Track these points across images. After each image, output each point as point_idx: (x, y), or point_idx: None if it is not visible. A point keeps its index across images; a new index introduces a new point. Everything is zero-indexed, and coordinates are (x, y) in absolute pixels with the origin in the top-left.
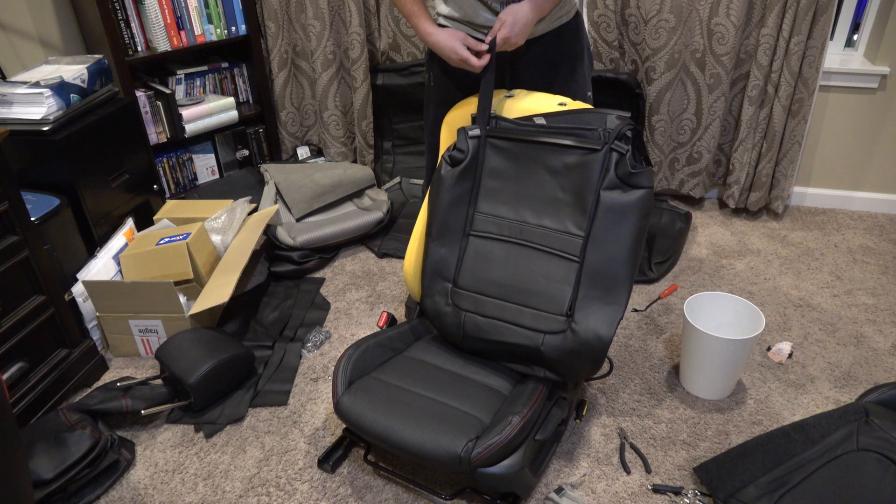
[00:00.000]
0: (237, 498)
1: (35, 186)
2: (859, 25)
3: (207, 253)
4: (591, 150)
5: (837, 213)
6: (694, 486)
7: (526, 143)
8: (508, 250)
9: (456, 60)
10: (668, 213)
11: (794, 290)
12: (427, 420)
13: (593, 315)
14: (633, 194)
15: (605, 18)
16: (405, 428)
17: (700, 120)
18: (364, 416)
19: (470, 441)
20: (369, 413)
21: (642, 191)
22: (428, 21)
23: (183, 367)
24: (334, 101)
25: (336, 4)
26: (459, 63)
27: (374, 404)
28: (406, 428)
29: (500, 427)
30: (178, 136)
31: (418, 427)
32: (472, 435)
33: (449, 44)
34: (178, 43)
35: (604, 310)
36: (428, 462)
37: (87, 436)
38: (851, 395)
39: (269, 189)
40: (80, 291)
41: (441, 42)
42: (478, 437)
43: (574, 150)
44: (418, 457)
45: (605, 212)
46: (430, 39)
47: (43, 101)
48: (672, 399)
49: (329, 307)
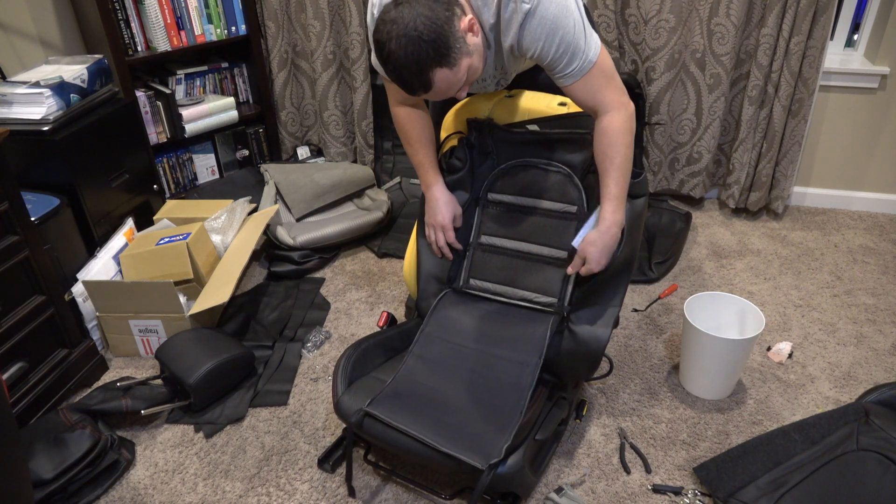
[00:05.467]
0: (237, 498)
1: (35, 186)
2: (859, 25)
3: (207, 253)
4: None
5: (837, 213)
6: (694, 486)
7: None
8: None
9: (430, 221)
10: (668, 213)
11: (794, 290)
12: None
13: (588, 316)
14: (629, 206)
15: (605, 18)
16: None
17: (700, 120)
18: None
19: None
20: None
21: (637, 200)
22: (435, 173)
23: (183, 367)
24: (334, 101)
25: (336, 4)
26: (430, 225)
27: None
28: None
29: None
30: (178, 136)
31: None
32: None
33: (439, 209)
34: (178, 43)
35: (599, 311)
36: (429, 465)
37: (87, 436)
38: (851, 395)
39: (269, 189)
40: (80, 291)
41: (437, 202)
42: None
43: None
44: (417, 460)
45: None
46: (429, 192)
47: (43, 101)
48: (672, 399)
49: (329, 307)
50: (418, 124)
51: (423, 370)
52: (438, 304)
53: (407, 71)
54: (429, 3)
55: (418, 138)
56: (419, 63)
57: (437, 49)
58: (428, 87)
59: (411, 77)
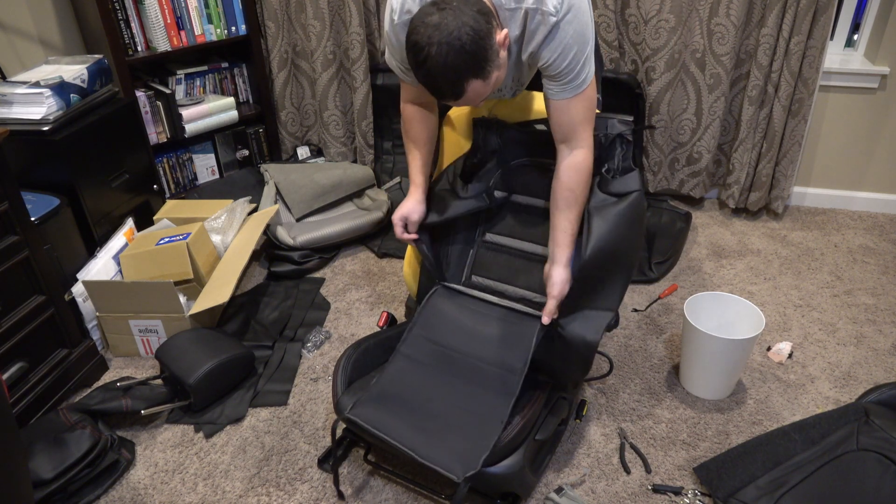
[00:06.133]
0: (237, 498)
1: (35, 186)
2: (859, 25)
3: (207, 253)
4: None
5: (837, 213)
6: (694, 486)
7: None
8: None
9: (395, 215)
10: (668, 213)
11: (794, 290)
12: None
13: (579, 319)
14: (622, 202)
15: (605, 18)
16: (405, 431)
17: (700, 120)
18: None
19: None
20: None
21: (631, 196)
22: (419, 177)
23: (183, 367)
24: (334, 101)
25: (336, 4)
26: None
27: None
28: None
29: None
30: (178, 136)
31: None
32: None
33: (405, 207)
34: (178, 43)
35: (590, 314)
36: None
37: (87, 436)
38: (851, 395)
39: (269, 189)
40: (80, 291)
41: (406, 203)
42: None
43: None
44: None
45: (598, 223)
46: (409, 195)
47: (43, 101)
48: (672, 399)
49: (329, 307)
50: (423, 125)
51: (409, 370)
52: (428, 302)
53: (443, 78)
54: (473, 14)
55: (418, 138)
56: (457, 72)
57: (477, 61)
58: (459, 96)
59: (446, 84)
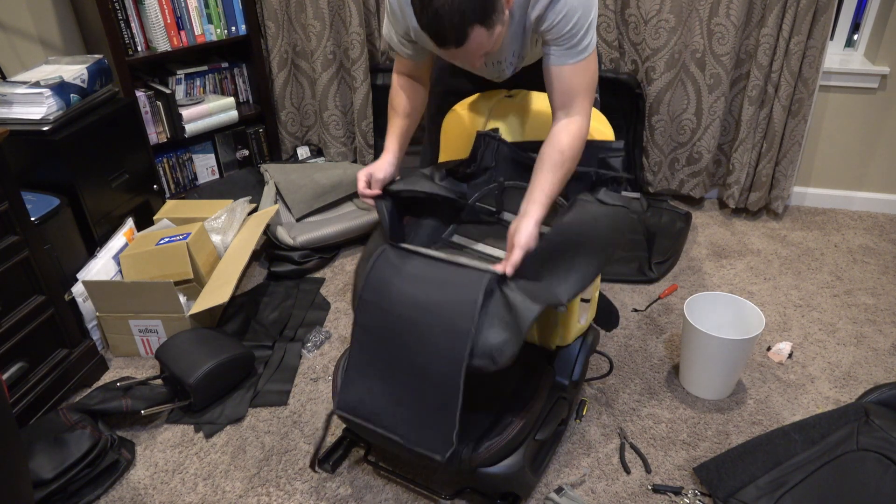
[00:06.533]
0: (237, 498)
1: (35, 186)
2: (859, 25)
3: (207, 253)
4: None
5: (837, 213)
6: (694, 486)
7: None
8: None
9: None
10: (668, 213)
11: (794, 290)
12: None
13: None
14: (607, 206)
15: (605, 18)
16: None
17: (700, 120)
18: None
19: (466, 446)
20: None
21: (616, 207)
22: (394, 144)
23: (183, 367)
24: (334, 101)
25: (336, 4)
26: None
27: None
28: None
29: (500, 427)
30: (178, 136)
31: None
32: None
33: (372, 165)
34: (178, 43)
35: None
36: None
37: (87, 436)
38: (851, 395)
39: (269, 189)
40: (80, 291)
41: (375, 163)
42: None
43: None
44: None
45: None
46: (380, 158)
47: (43, 101)
48: (672, 399)
49: (329, 307)
50: (410, 96)
51: (368, 343)
52: (374, 265)
53: (448, 20)
54: None
55: (401, 108)
56: (463, 14)
57: (484, 6)
58: (461, 42)
59: (450, 28)
